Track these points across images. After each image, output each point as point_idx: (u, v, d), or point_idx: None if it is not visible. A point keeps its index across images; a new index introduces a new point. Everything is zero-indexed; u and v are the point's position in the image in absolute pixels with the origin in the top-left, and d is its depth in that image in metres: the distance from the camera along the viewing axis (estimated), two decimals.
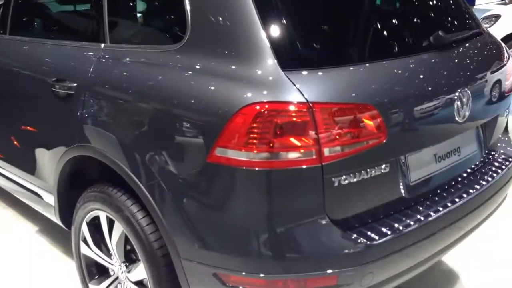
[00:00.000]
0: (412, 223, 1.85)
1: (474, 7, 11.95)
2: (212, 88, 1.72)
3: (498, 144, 2.51)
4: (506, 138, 2.57)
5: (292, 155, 1.62)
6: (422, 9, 2.26)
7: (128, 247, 2.15)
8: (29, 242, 3.13)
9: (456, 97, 1.97)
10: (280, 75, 1.64)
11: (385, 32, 2.00)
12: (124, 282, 2.20)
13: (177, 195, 1.79)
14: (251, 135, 1.61)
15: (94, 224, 2.25)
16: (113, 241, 2.14)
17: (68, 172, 2.32)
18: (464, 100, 2.00)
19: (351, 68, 1.77)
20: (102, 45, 2.16)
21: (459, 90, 1.98)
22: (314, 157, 1.63)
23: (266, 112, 1.60)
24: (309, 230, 1.69)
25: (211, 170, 1.69)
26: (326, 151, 1.64)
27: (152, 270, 1.95)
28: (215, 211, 1.73)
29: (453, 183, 2.13)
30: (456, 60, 2.10)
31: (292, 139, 1.61)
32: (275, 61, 1.66)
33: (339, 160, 1.66)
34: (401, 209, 1.92)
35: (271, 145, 1.60)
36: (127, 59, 2.04)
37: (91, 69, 2.12)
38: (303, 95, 1.61)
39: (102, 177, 2.19)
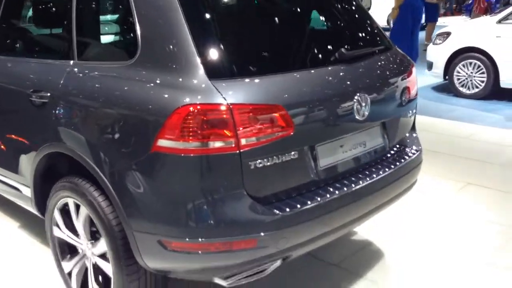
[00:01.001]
0: (319, 199, 2.32)
1: (438, 23, 12.63)
2: (155, 94, 2.19)
3: (408, 140, 3.01)
4: (414, 135, 3.07)
5: (217, 144, 2.09)
6: (332, 29, 2.77)
7: (94, 229, 2.58)
8: (9, 237, 3.54)
9: (355, 100, 2.45)
10: (208, 83, 2.11)
11: (296, 48, 2.49)
12: (90, 258, 2.63)
13: (129, 179, 2.23)
14: (185, 129, 2.07)
15: (64, 210, 2.68)
16: (80, 222, 2.57)
17: (42, 168, 2.75)
18: (363, 103, 2.48)
19: (266, 77, 2.25)
20: (71, 61, 2.62)
21: (358, 94, 2.46)
22: (233, 145, 2.09)
23: (195, 111, 2.06)
24: (233, 203, 2.15)
25: (155, 158, 2.14)
26: (243, 141, 2.10)
27: (111, 243, 2.38)
28: (159, 190, 2.18)
29: (360, 169, 2.61)
30: (357, 71, 2.59)
31: (216, 132, 2.08)
32: (204, 72, 2.13)
33: (254, 148, 2.13)
34: (312, 189, 2.39)
35: (200, 136, 2.07)
36: (91, 72, 2.50)
37: (62, 81, 2.58)
38: (224, 98, 2.08)
39: (70, 171, 2.63)
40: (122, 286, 2.40)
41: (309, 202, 2.29)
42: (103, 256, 2.52)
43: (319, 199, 2.33)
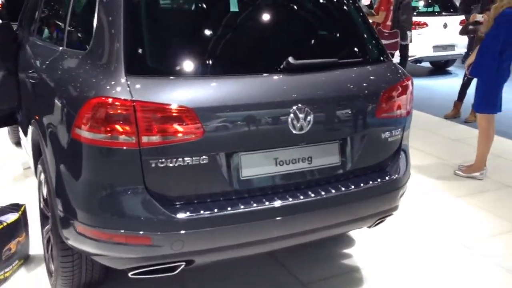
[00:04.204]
0: (230, 208, 2.25)
1: None
2: (84, 84, 2.34)
3: (388, 164, 2.71)
4: (398, 159, 2.74)
5: (119, 138, 2.15)
6: (287, 34, 2.61)
7: None
8: None
9: (291, 112, 2.30)
10: (122, 79, 2.18)
11: (227, 53, 2.42)
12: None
13: (59, 160, 2.42)
14: (92, 120, 2.17)
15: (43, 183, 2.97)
16: (45, 195, 2.84)
17: (37, 140, 3.07)
18: (301, 116, 2.32)
19: (184, 80, 2.25)
20: (61, 48, 2.90)
21: (296, 107, 2.31)
22: (133, 141, 2.14)
23: (101, 104, 2.15)
24: (130, 197, 2.20)
25: (73, 143, 2.29)
26: (144, 139, 2.14)
27: (53, 219, 2.59)
28: (74, 176, 2.31)
29: (302, 186, 2.44)
30: (304, 82, 2.40)
31: (118, 126, 2.14)
32: (123, 68, 2.20)
33: (156, 147, 2.15)
34: (232, 198, 2.32)
35: (104, 129, 2.15)
36: (65, 57, 2.77)
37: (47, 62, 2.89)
38: (131, 94, 2.14)
39: None
40: (57, 259, 2.61)
41: (216, 210, 2.24)
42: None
43: (229, 208, 2.25)
